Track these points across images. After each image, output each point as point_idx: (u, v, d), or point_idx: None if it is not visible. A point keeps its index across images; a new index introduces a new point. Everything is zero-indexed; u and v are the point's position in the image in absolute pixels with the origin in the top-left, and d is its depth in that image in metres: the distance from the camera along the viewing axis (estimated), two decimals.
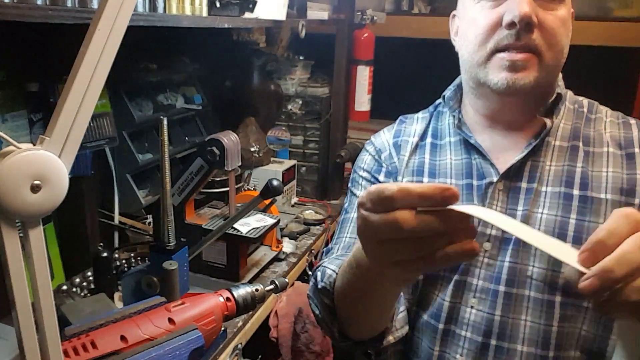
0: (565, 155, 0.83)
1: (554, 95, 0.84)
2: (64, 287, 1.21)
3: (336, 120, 2.05)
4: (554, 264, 0.78)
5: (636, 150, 0.82)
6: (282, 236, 1.57)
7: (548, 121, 0.83)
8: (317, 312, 0.85)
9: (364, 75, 2.02)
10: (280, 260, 1.51)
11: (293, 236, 1.65)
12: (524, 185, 0.83)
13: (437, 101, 0.99)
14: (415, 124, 0.98)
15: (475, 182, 0.86)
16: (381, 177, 0.96)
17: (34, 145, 0.46)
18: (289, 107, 2.02)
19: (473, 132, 0.89)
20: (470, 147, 0.88)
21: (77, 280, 1.26)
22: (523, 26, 0.75)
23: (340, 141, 2.09)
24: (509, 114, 0.85)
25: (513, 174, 0.83)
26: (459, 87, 0.94)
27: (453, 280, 0.84)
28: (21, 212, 0.44)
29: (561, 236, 0.78)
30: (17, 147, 0.45)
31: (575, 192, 0.80)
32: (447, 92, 0.95)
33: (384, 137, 1.00)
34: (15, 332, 0.47)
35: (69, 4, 0.89)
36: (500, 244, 0.82)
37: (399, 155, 0.95)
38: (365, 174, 0.99)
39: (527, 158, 0.83)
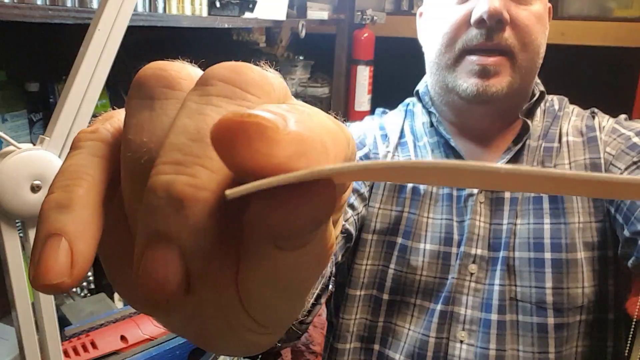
0: (534, 156, 0.75)
1: (537, 95, 0.76)
2: None
3: None
4: (537, 279, 0.69)
5: (597, 133, 0.73)
6: None
7: (529, 122, 0.75)
8: None
9: (364, 75, 2.02)
10: None
11: None
12: (507, 195, 0.73)
13: (407, 100, 0.87)
14: (395, 119, 0.85)
15: (454, 192, 0.75)
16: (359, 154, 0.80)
17: (34, 145, 0.46)
18: None
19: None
20: (449, 151, 0.77)
21: None
22: (493, 24, 0.67)
23: None
24: (480, 123, 0.76)
25: None
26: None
27: (437, 312, 0.72)
28: (21, 212, 0.45)
29: (539, 246, 0.70)
30: (17, 147, 0.45)
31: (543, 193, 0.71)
32: (421, 87, 0.83)
33: (368, 124, 0.86)
34: (15, 332, 0.47)
35: (69, 4, 0.89)
36: (488, 264, 0.72)
37: (386, 147, 0.81)
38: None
39: (507, 164, 0.73)
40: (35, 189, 0.45)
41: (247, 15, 1.39)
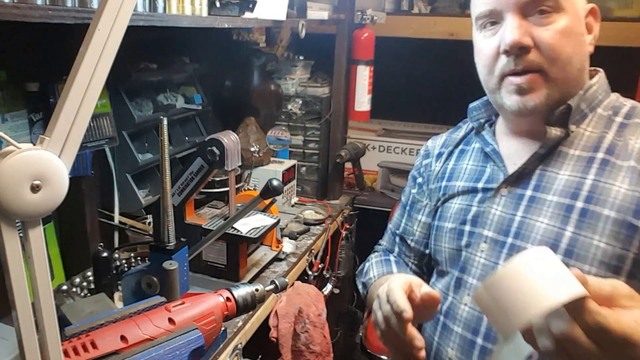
0: (583, 167, 0.79)
1: (566, 105, 0.80)
2: (64, 287, 1.20)
3: (336, 120, 2.05)
4: None
5: None
6: (282, 236, 1.56)
7: (553, 130, 0.81)
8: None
9: (364, 75, 2.02)
10: (280, 260, 1.51)
11: (293, 236, 1.65)
12: (529, 192, 0.83)
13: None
14: (462, 129, 1.03)
15: (480, 185, 0.90)
16: (417, 180, 1.07)
17: (34, 145, 0.46)
18: (289, 107, 2.02)
19: (499, 140, 0.92)
20: (488, 155, 0.91)
21: (77, 280, 1.26)
22: (516, 51, 0.77)
23: (340, 141, 2.09)
24: (530, 126, 0.86)
25: (517, 180, 0.84)
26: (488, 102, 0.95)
27: (455, 277, 0.89)
28: (21, 212, 0.45)
29: (554, 248, 0.75)
30: (17, 147, 0.45)
31: (579, 204, 0.77)
32: (472, 104, 0.98)
33: (438, 142, 1.06)
34: (15, 332, 0.47)
35: (69, 4, 0.89)
36: (496, 245, 0.84)
37: (437, 163, 1.01)
38: (414, 172, 1.10)
39: (535, 166, 0.83)
40: (35, 189, 0.45)
41: (247, 15, 1.39)
